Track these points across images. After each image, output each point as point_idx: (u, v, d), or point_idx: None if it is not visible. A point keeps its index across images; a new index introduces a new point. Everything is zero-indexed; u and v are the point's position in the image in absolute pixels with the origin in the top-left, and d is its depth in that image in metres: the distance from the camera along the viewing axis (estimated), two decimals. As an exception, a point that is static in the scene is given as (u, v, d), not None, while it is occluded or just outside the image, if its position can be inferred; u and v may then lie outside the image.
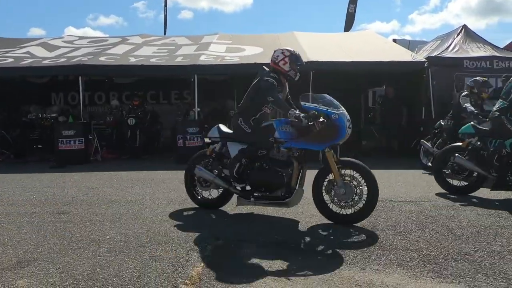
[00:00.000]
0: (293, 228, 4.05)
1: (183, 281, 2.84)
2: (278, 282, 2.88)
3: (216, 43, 12.54)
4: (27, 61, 10.51)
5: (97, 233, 3.89)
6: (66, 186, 6.43)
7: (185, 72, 10.12)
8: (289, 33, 13.86)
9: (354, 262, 3.20)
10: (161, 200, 5.35)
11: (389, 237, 3.75)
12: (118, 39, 13.35)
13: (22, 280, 2.86)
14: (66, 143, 9.15)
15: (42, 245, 3.59)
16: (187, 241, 3.65)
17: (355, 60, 9.92)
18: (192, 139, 9.20)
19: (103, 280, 2.85)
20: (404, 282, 2.85)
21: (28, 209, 4.92)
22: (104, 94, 14.48)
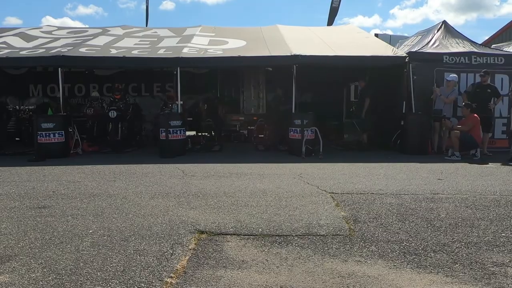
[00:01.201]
0: (275, 220, 4.08)
1: (168, 275, 2.85)
2: (262, 274, 2.91)
3: (199, 35, 12.43)
4: (4, 52, 10.19)
5: (80, 228, 3.85)
6: (46, 180, 6.31)
7: (168, 64, 10.02)
8: (273, 26, 13.85)
9: (337, 254, 3.27)
10: (144, 194, 5.31)
11: (370, 229, 3.84)
12: (98, 30, 13.08)
13: (3, 275, 2.82)
14: (46, 136, 8.95)
15: (23, 240, 3.53)
16: (171, 235, 3.65)
17: (338, 54, 9.98)
18: (175, 132, 9.14)
19: (87, 274, 2.83)
20: (385, 273, 2.92)
21: (6, 203, 4.82)
22: (84, 86, 14.22)
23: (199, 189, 5.54)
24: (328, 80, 13.01)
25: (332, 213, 4.37)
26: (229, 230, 3.82)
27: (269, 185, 5.85)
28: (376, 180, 6.23)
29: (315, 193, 5.32)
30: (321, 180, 6.22)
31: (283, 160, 8.38)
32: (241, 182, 6.08)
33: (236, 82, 13.94)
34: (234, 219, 4.15)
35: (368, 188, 5.56)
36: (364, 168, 7.36)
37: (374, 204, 4.72)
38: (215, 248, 3.39)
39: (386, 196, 5.11)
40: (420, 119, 9.52)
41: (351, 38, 12.45)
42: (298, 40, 11.51)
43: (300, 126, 9.14)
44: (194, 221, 4.07)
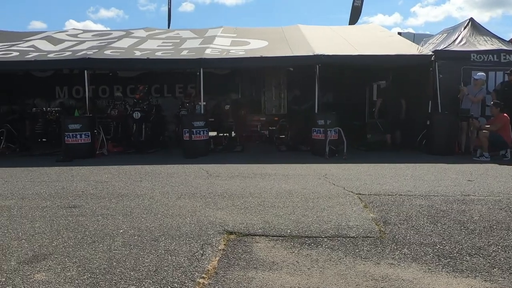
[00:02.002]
0: (303, 221, 4.05)
1: (199, 275, 2.86)
2: (293, 276, 2.89)
3: (221, 36, 12.49)
4: (32, 55, 10.48)
5: (110, 227, 3.91)
6: (75, 180, 6.44)
7: (191, 65, 10.09)
8: (294, 26, 13.80)
9: (369, 256, 3.21)
10: (170, 194, 5.35)
11: (401, 231, 3.76)
12: (122, 33, 13.30)
13: (40, 273, 2.88)
14: (73, 136, 9.15)
15: (56, 239, 3.61)
16: (200, 236, 3.67)
17: (362, 53, 9.86)
18: (198, 133, 9.20)
19: (120, 274, 2.86)
20: (419, 277, 2.86)
21: (39, 202, 4.94)
22: (108, 88, 14.47)
23: (225, 190, 5.55)
24: (350, 80, 12.87)
25: (361, 214, 4.31)
26: (258, 231, 3.80)
27: (294, 185, 5.81)
28: (403, 181, 6.12)
29: (341, 194, 5.26)
30: (347, 181, 6.14)
31: (307, 161, 8.33)
32: (266, 182, 6.07)
33: (257, 82, 13.94)
34: (262, 220, 4.14)
35: (396, 189, 5.46)
36: (390, 169, 7.24)
37: (404, 206, 4.63)
38: (245, 249, 3.38)
39: (415, 198, 5.00)
40: (447, 119, 9.31)
41: (374, 37, 12.29)
42: (321, 40, 11.44)
43: (324, 126, 9.06)
44: (222, 221, 4.07)
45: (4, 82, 12.52)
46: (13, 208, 4.69)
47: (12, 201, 5.06)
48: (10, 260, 3.12)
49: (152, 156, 9.53)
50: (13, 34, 13.58)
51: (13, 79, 13.00)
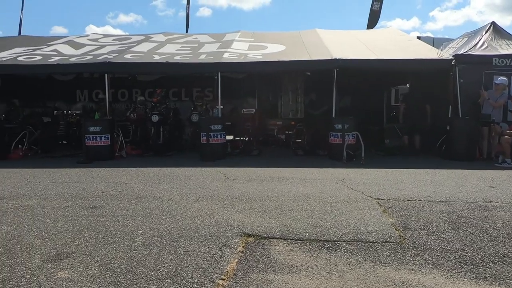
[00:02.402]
0: (322, 225, 4.03)
1: (219, 277, 2.87)
2: (312, 279, 2.87)
3: (238, 40, 12.58)
4: (55, 59, 10.73)
5: (130, 228, 3.96)
6: (95, 181, 6.55)
7: (209, 69, 10.17)
8: (311, 30, 13.81)
9: (389, 262, 3.18)
10: (189, 196, 5.40)
11: (422, 237, 3.71)
12: (141, 37, 13.52)
13: (63, 271, 2.94)
14: (93, 139, 9.32)
15: (78, 238, 3.67)
16: (218, 238, 3.68)
17: (380, 57, 9.79)
18: (215, 136, 9.26)
19: (141, 273, 2.90)
20: (441, 283, 2.81)
21: (61, 203, 5.04)
22: (127, 92, 14.72)
23: (242, 193, 5.57)
24: (368, 84, 12.79)
25: (380, 219, 4.26)
26: (276, 234, 3.80)
27: (312, 189, 5.79)
28: (423, 186, 6.03)
29: (360, 198, 5.22)
30: (365, 185, 6.09)
31: (324, 165, 8.29)
32: (283, 186, 6.06)
33: (274, 86, 13.97)
34: (280, 223, 4.13)
35: (415, 195, 5.39)
36: (409, 174, 7.14)
37: (423, 211, 4.57)
38: (263, 252, 3.38)
39: (436, 203, 4.92)
40: (467, 124, 9.16)
41: (393, 41, 12.19)
42: (338, 44, 11.41)
43: (341, 131, 9.02)
44: (240, 224, 4.08)
45: (27, 85, 12.86)
46: (36, 207, 4.80)
47: (35, 201, 5.18)
48: (34, 258, 3.19)
49: (170, 159, 9.62)
50: (36, 39, 13.94)
51: (35, 82, 13.32)
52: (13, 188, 6.01)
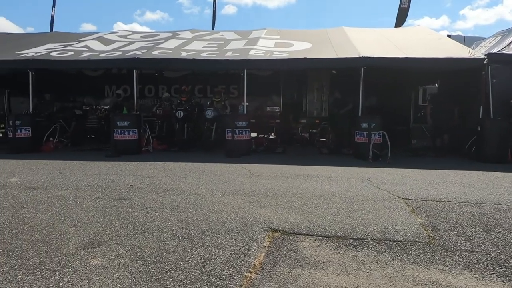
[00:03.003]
0: (348, 223, 4.00)
1: (246, 269, 2.90)
2: (339, 276, 2.87)
3: (264, 38, 12.58)
4: (86, 55, 11.02)
5: (159, 220, 4.04)
6: (123, 174, 6.71)
7: (236, 66, 10.22)
8: (339, 28, 13.67)
9: (418, 261, 3.13)
10: (214, 191, 5.46)
11: (452, 238, 3.64)
12: (169, 34, 13.71)
13: (95, 259, 3.03)
14: (121, 133, 9.53)
15: (109, 227, 3.78)
16: (245, 232, 3.72)
17: (409, 56, 9.60)
18: (240, 133, 9.31)
19: (170, 263, 2.96)
20: (473, 284, 2.76)
21: (91, 194, 5.19)
22: (153, 87, 14.95)
23: (268, 189, 5.59)
24: (395, 83, 12.57)
25: (408, 219, 4.20)
26: (302, 230, 3.80)
27: (338, 188, 5.76)
28: (452, 187, 5.90)
29: (387, 198, 5.15)
30: (392, 185, 6.01)
31: (349, 164, 8.22)
32: (308, 183, 6.05)
33: (299, 84, 13.91)
34: (306, 219, 4.13)
35: (444, 196, 5.28)
36: (437, 175, 7.00)
37: (453, 212, 4.47)
38: (290, 247, 3.40)
39: (466, 205, 4.81)
40: (499, 125, 8.90)
41: (422, 39, 11.94)
42: (366, 42, 11.26)
43: (367, 130, 8.92)
44: (266, 219, 4.11)
45: (58, 80, 13.24)
46: (68, 197, 4.96)
47: (67, 191, 5.35)
48: (68, 245, 3.31)
49: (195, 154, 9.73)
50: (68, 35, 14.33)
51: (66, 77, 13.69)
52: (46, 179, 6.22)
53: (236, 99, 13.50)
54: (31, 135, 10.13)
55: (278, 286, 2.67)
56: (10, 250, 3.18)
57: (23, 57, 10.82)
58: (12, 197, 4.95)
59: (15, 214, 4.18)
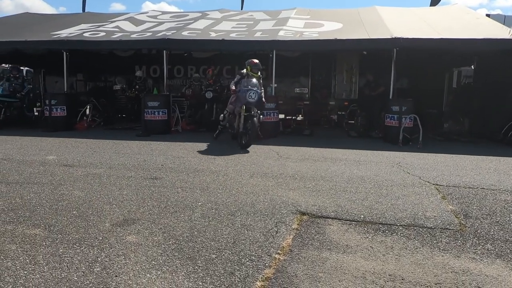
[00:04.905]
0: (377, 208, 3.99)
1: (275, 251, 2.96)
2: (368, 260, 2.88)
3: (294, 18, 12.38)
4: (117, 35, 11.18)
5: (189, 200, 4.15)
6: (154, 154, 6.87)
7: (265, 47, 10.13)
8: (371, 8, 13.27)
9: (448, 249, 3.11)
10: (243, 172, 5.53)
11: (484, 226, 3.57)
12: (198, 14, 13.69)
13: (131, 236, 3.17)
14: (151, 113, 9.72)
15: (142, 206, 3.92)
16: (274, 214, 3.77)
17: (444, 37, 9.24)
18: (268, 114, 9.31)
19: (201, 243, 3.06)
20: (505, 274, 2.72)
21: (124, 172, 5.36)
22: (182, 68, 15.06)
23: (296, 171, 5.62)
24: (428, 65, 12.16)
25: (439, 205, 4.15)
26: (330, 214, 3.82)
27: (367, 172, 5.71)
28: (485, 174, 5.75)
29: (417, 183, 5.08)
30: (423, 170, 5.91)
31: (378, 148, 8.10)
32: (337, 167, 6.03)
33: (328, 66, 13.68)
34: (334, 203, 4.15)
35: (477, 183, 5.16)
36: (470, 161, 6.82)
37: (486, 200, 4.37)
38: (318, 230, 3.43)
39: (500, 193, 4.69)
40: (538, 110, 8.52)
41: (459, 19, 11.45)
42: (399, 22, 10.91)
43: (398, 113, 8.73)
44: (294, 202, 4.15)
45: (90, 60, 13.53)
46: (103, 176, 5.15)
47: (102, 169, 5.54)
48: (105, 222, 3.46)
49: (222, 135, 9.80)
50: (100, 16, 14.55)
51: (97, 57, 13.97)
52: (81, 157, 6.46)
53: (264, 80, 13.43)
54: (66, 114, 10.47)
55: (306, 268, 2.72)
56: (51, 225, 3.36)
57: (57, 38, 11.10)
58: (51, 174, 5.19)
59: (54, 191, 4.39)
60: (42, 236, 3.13)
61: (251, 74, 7.97)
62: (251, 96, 7.62)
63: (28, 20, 14.15)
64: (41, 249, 2.89)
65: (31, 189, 4.44)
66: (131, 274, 2.55)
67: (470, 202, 4.27)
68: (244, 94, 7.63)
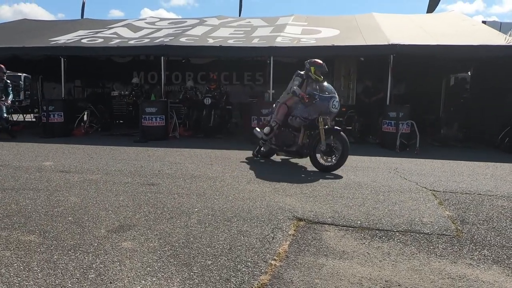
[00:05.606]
0: (374, 214, 3.98)
1: (271, 257, 2.95)
2: (364, 266, 2.87)
3: (291, 24, 12.45)
4: (115, 41, 11.21)
5: (186, 205, 4.14)
6: (151, 160, 6.86)
7: (262, 53, 10.18)
8: (368, 15, 13.36)
9: (444, 255, 3.10)
10: (240, 178, 5.52)
11: (481, 232, 3.57)
12: (196, 21, 13.75)
13: (126, 242, 3.15)
14: (149, 119, 9.71)
15: (138, 212, 3.90)
16: (270, 220, 3.76)
17: (441, 43, 9.30)
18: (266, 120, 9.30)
19: (197, 249, 3.04)
20: (502, 280, 2.71)
21: (121, 178, 5.34)
22: (180, 74, 15.10)
23: (292, 177, 5.61)
24: (426, 71, 12.22)
25: (436, 211, 4.14)
26: (327, 220, 3.81)
27: (364, 178, 5.71)
28: (482, 180, 5.75)
29: (414, 189, 5.08)
30: (420, 176, 5.91)
31: (375, 153, 8.11)
32: (334, 173, 6.02)
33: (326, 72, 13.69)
34: (331, 209, 4.14)
35: (474, 188, 5.16)
36: (467, 167, 6.83)
37: (483, 206, 4.37)
38: (314, 236, 3.42)
39: (497, 198, 4.69)
40: (535, 116, 8.55)
41: (455, 26, 11.53)
42: (396, 29, 10.99)
43: (395, 119, 8.75)
44: (291, 208, 4.14)
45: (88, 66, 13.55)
46: (99, 182, 5.13)
47: (98, 175, 5.53)
48: (100, 228, 3.44)
49: (220, 142, 9.82)
50: (98, 22, 14.60)
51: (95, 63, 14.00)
52: (78, 163, 6.44)
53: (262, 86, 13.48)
54: (63, 120, 10.45)
55: (302, 274, 2.70)
56: (46, 231, 3.34)
57: (55, 44, 11.12)
58: (47, 180, 5.17)
59: (50, 197, 4.37)
60: (37, 242, 3.11)
61: (314, 77, 6.56)
62: (334, 105, 6.23)
63: (26, 26, 14.18)
64: (35, 255, 2.87)
65: (27, 195, 4.42)
66: (126, 280, 2.54)
67: (467, 208, 4.27)
68: (327, 102, 6.21)
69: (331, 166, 6.05)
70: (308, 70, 6.65)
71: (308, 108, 6.31)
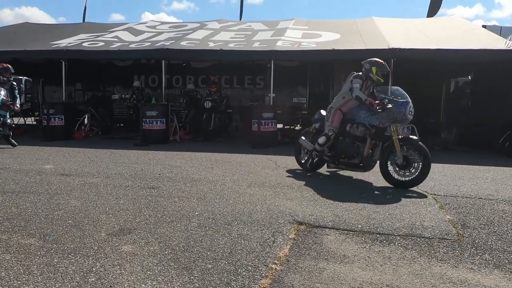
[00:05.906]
0: (375, 218, 3.97)
1: (272, 261, 2.94)
2: (365, 271, 2.86)
3: (292, 28, 12.49)
4: (116, 45, 11.24)
5: (186, 209, 4.13)
6: (152, 163, 6.86)
7: (263, 57, 10.21)
8: (368, 19, 13.40)
9: (446, 259, 3.09)
10: (241, 182, 5.51)
11: (482, 236, 3.56)
12: (196, 24, 13.80)
13: (126, 245, 3.14)
14: (149, 123, 9.72)
15: (139, 215, 3.89)
16: (271, 223, 3.75)
17: (441, 47, 9.33)
18: (267, 124, 9.32)
19: (198, 252, 3.03)
20: (503, 284, 2.70)
21: (121, 182, 5.34)
22: (181, 78, 15.13)
23: (293, 181, 5.61)
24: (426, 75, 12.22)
25: (437, 215, 4.13)
26: (328, 224, 3.81)
27: (365, 182, 5.70)
28: (483, 184, 5.75)
29: (415, 193, 5.08)
30: (420, 180, 5.89)
31: (376, 157, 8.09)
32: (334, 176, 6.02)
33: (326, 76, 13.75)
34: (332, 213, 4.13)
35: (474, 192, 5.15)
36: (468, 171, 6.82)
37: (484, 210, 4.36)
38: (315, 240, 3.41)
39: (498, 203, 4.68)
40: (535, 120, 8.55)
41: (455, 30, 11.57)
42: (396, 33, 11.02)
43: (396, 123, 8.72)
44: (292, 211, 4.13)
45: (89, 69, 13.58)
46: (99, 185, 5.13)
47: (99, 179, 5.52)
48: (100, 231, 3.43)
49: (221, 145, 9.83)
50: (99, 26, 14.66)
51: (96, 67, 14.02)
52: (78, 166, 6.44)
53: (262, 90, 13.50)
54: (64, 123, 10.46)
55: (303, 278, 2.70)
56: (46, 234, 3.34)
57: (56, 48, 11.16)
58: (47, 184, 5.17)
59: (50, 200, 4.36)
60: (37, 245, 3.10)
61: (376, 78, 5.82)
62: (411, 111, 5.53)
63: (28, 30, 14.24)
64: (35, 259, 2.87)
65: (27, 199, 4.42)
66: (126, 284, 2.53)
67: (468, 212, 4.26)
68: (403, 108, 5.46)
69: (407, 181, 5.30)
70: (368, 70, 5.85)
71: (379, 115, 5.54)
